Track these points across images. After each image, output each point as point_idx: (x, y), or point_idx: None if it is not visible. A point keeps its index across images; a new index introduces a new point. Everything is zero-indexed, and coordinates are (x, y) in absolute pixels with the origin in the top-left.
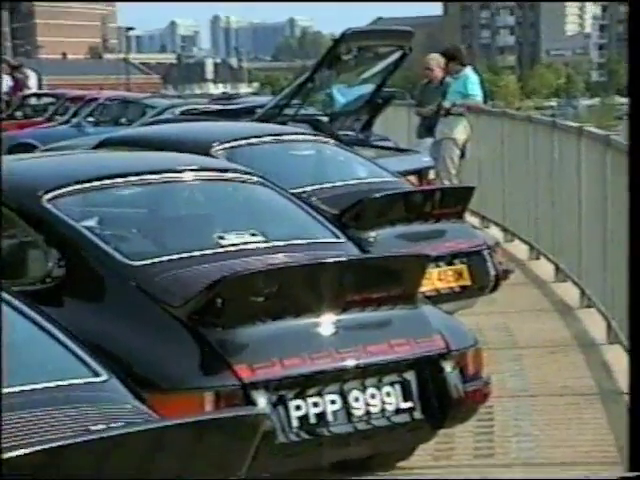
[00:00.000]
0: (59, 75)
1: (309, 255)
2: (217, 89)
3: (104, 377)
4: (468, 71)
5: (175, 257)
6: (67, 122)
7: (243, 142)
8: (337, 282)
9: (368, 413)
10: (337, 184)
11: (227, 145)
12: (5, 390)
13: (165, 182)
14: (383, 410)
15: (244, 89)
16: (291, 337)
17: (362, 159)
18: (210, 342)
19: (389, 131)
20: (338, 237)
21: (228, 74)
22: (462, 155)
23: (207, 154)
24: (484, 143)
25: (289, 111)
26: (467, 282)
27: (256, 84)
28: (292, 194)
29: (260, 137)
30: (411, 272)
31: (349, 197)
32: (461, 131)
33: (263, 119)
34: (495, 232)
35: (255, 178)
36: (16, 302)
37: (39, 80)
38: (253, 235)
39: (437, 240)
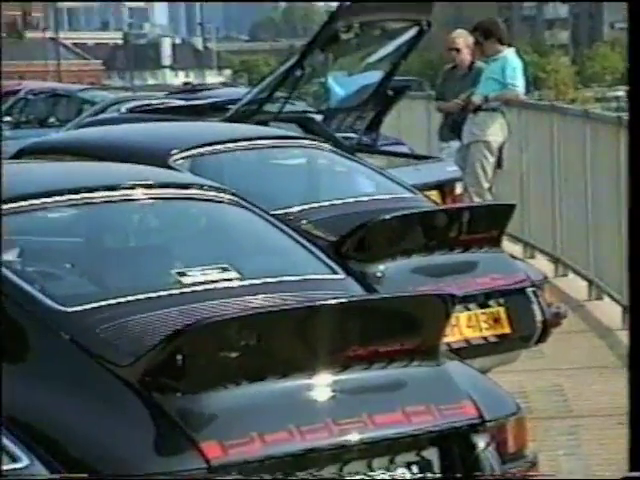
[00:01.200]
0: None
1: (297, 296)
2: (177, 78)
3: (25, 462)
4: (508, 53)
5: (121, 300)
6: None
7: (211, 149)
8: (335, 331)
9: None
10: (334, 203)
11: (190, 153)
12: None
13: (108, 202)
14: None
15: (212, 78)
16: (275, 404)
17: (367, 169)
18: (168, 413)
19: (403, 132)
20: (335, 272)
21: (191, 58)
22: (498, 164)
23: (164, 165)
24: (527, 147)
25: (271, 107)
26: (506, 330)
27: (228, 71)
28: (275, 216)
29: (233, 142)
30: (432, 316)
31: (350, 220)
32: (496, 132)
33: (237, 118)
34: (543, 264)
35: (226, 196)
36: None
37: None
38: (224, 271)
39: (466, 275)
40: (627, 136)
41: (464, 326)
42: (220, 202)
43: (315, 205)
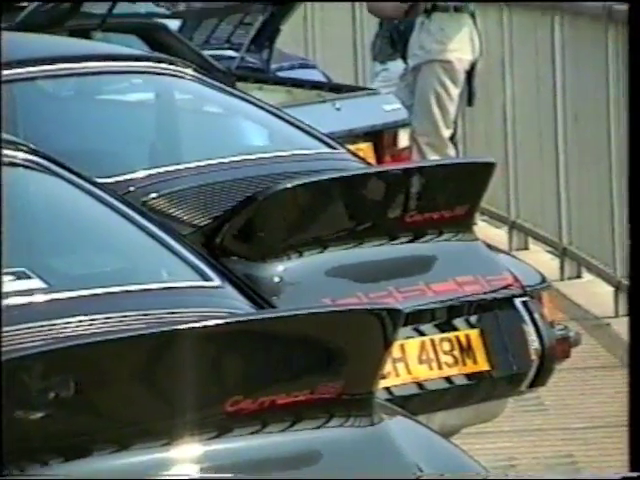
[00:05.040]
0: None
1: (145, 317)
2: None
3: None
4: None
5: None
6: None
7: None
8: (198, 368)
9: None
10: (202, 164)
11: None
12: None
13: None
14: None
15: None
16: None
17: (255, 109)
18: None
19: (314, 49)
20: (206, 277)
21: None
22: (467, 98)
23: None
24: (513, 70)
25: (96, 7)
26: (481, 366)
27: None
28: (104, 187)
29: (32, 65)
30: (362, 346)
31: (228, 192)
32: (462, 46)
33: (37, 24)
34: (542, 258)
35: (24, 154)
36: None
37: None
38: (19, 279)
39: (416, 278)
40: None
41: (414, 360)
42: (11, 165)
43: (171, 168)
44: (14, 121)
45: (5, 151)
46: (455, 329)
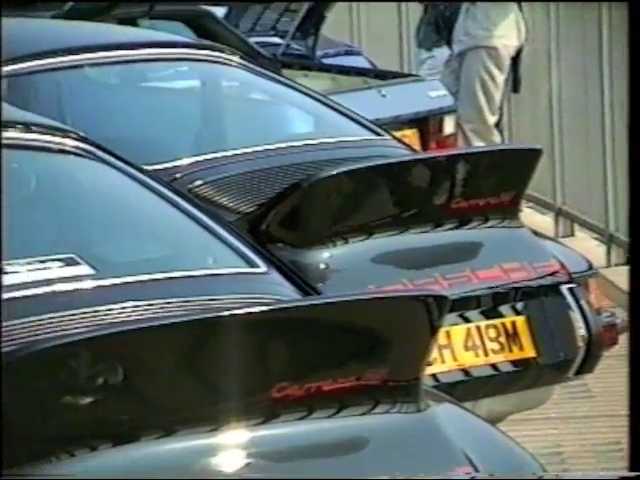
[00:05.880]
0: None
1: (191, 304)
2: None
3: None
4: None
5: None
6: None
7: (41, 64)
8: (252, 355)
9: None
10: (247, 151)
11: (6, 69)
12: None
13: None
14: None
15: None
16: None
17: (300, 96)
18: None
19: (359, 35)
20: (252, 263)
21: None
22: (513, 85)
23: None
24: (560, 57)
25: None
26: (528, 352)
27: None
28: (151, 174)
29: (79, 53)
30: (408, 332)
31: (273, 178)
32: (508, 32)
33: (82, 13)
34: (589, 245)
35: (71, 142)
36: None
37: None
38: (68, 265)
39: (462, 264)
40: None
41: (460, 347)
42: (61, 152)
43: (216, 155)
44: (61, 109)
45: (54, 138)
46: (501, 316)
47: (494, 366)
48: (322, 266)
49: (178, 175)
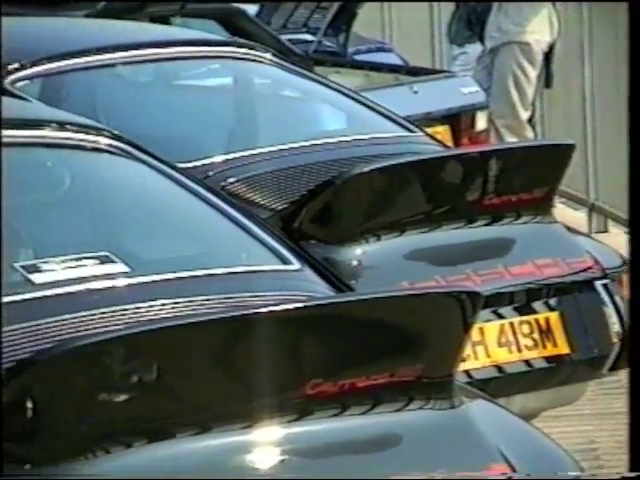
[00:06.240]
0: None
1: (225, 301)
2: None
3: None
4: None
5: None
6: None
7: (75, 63)
8: (286, 351)
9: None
10: (280, 148)
11: (39, 69)
12: None
13: None
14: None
15: None
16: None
17: (333, 93)
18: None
19: (391, 32)
20: (285, 261)
21: None
22: (545, 80)
23: None
24: (593, 53)
25: None
26: (562, 349)
27: None
28: (184, 172)
29: (112, 52)
30: (441, 328)
31: (306, 176)
32: (541, 27)
33: (116, 12)
34: (622, 240)
35: (105, 140)
36: None
37: None
38: (103, 262)
39: (495, 261)
40: None
41: (494, 344)
42: (95, 150)
43: (249, 153)
44: (94, 107)
45: (88, 136)
46: (534, 312)
47: (527, 362)
48: (355, 263)
49: (211, 173)
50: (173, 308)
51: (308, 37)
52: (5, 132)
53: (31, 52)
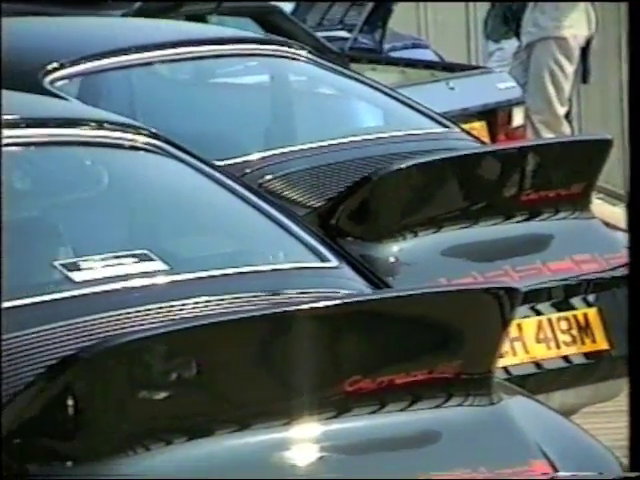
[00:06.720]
0: None
1: (263, 299)
2: None
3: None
4: None
5: None
6: None
7: (113, 61)
8: (325, 348)
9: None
10: (317, 145)
11: (79, 68)
12: None
13: None
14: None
15: None
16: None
17: (369, 89)
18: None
19: (427, 29)
20: (323, 258)
21: None
22: (582, 76)
23: (36, 88)
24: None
25: None
26: (600, 345)
27: None
28: (222, 170)
29: (150, 50)
30: (479, 325)
31: (343, 173)
32: (578, 23)
33: (153, 11)
34: None
35: (143, 138)
36: None
37: None
38: (141, 260)
39: (533, 256)
40: None
41: (532, 340)
42: (133, 148)
43: (286, 150)
44: (132, 106)
45: (126, 135)
46: (573, 308)
47: (566, 358)
48: (392, 260)
49: (248, 170)
50: (212, 306)
51: (344, 34)
52: (45, 131)
53: (70, 52)
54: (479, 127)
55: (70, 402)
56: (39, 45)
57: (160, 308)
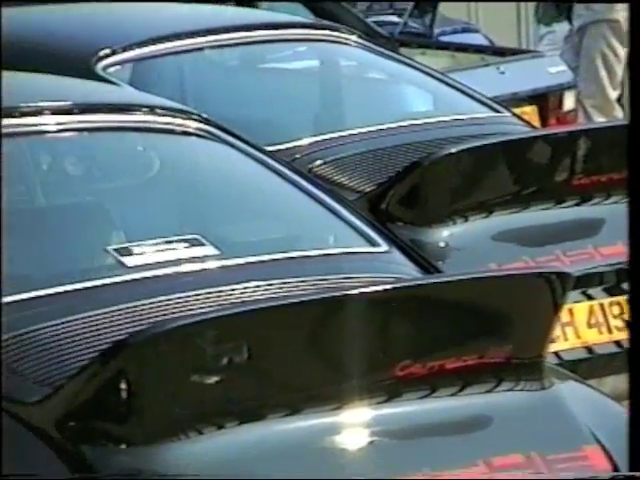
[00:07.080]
0: None
1: (316, 283)
2: None
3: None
4: None
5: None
6: None
7: (165, 47)
8: (377, 333)
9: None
10: (367, 130)
11: (130, 54)
12: None
13: None
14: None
15: None
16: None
17: (419, 74)
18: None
19: (478, 11)
20: (373, 242)
21: None
22: None
23: (89, 74)
24: None
25: None
26: None
27: None
28: (272, 155)
29: (201, 35)
30: (530, 310)
31: (393, 157)
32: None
33: None
34: None
35: (195, 123)
36: None
37: None
38: (193, 245)
39: (584, 241)
40: None
41: (583, 325)
42: (184, 134)
43: (336, 135)
44: (183, 91)
45: (177, 120)
46: (625, 293)
47: (618, 343)
48: (442, 245)
49: (298, 155)
50: (263, 290)
51: (394, 19)
52: (98, 117)
53: (122, 38)
54: (530, 111)
55: (122, 386)
56: (92, 31)
57: (212, 292)
